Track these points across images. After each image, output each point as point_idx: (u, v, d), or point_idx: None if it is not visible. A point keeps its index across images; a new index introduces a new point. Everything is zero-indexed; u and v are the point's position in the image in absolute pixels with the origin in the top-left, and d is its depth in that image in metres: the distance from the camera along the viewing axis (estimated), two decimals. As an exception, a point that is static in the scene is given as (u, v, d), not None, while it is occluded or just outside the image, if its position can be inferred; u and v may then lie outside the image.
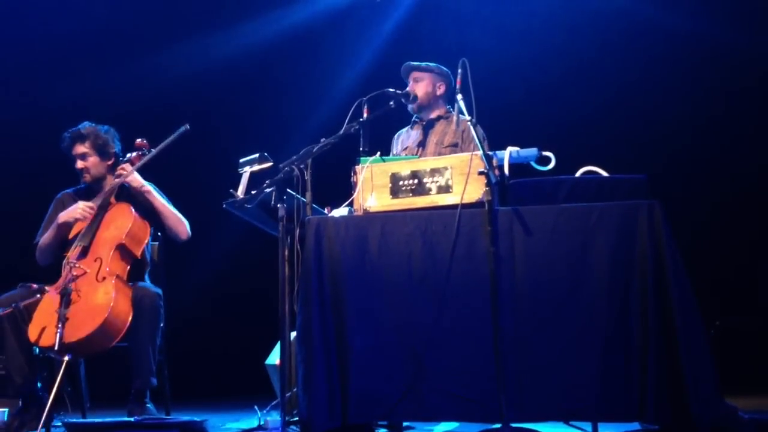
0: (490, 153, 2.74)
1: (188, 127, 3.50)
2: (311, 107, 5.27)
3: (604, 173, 2.76)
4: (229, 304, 5.21)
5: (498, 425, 2.55)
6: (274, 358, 3.24)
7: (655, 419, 2.49)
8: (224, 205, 3.04)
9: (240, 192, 3.03)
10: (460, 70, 2.92)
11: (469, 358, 2.59)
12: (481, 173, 2.63)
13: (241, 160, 3.11)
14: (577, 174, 2.78)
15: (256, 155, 3.09)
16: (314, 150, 2.95)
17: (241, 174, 3.07)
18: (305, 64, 5.41)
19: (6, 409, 3.36)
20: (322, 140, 3.01)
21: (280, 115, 5.30)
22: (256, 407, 3.15)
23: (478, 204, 2.64)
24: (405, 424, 3.08)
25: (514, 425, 2.53)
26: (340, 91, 5.19)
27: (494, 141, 3.49)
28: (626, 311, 2.55)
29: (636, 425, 2.62)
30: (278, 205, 2.89)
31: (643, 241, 2.56)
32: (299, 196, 2.94)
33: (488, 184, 2.61)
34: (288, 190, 2.95)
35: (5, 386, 3.41)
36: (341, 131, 3.09)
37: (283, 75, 5.45)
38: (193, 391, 4.24)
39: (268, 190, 2.93)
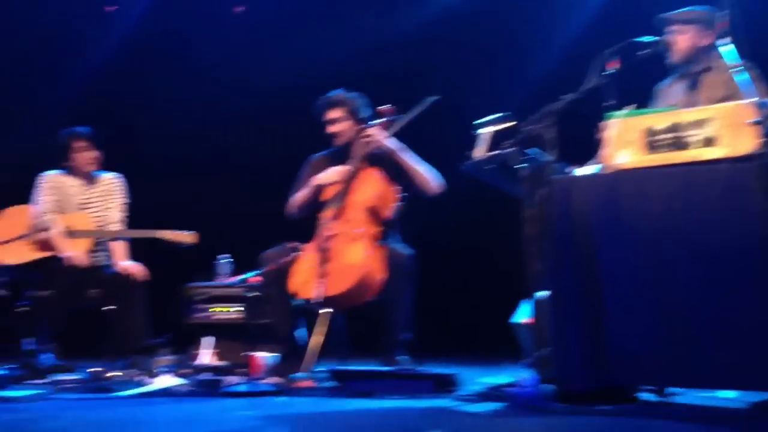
0: (765, 100, 2.46)
1: (438, 98, 3.57)
2: (542, 60, 5.07)
3: None
4: (471, 263, 5.27)
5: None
6: (521, 316, 3.27)
7: None
8: (462, 168, 3.06)
9: (480, 153, 3.03)
10: (726, 11, 2.64)
11: (742, 324, 2.40)
12: (753, 123, 2.38)
13: (480, 121, 3.10)
14: None
15: (497, 115, 3.05)
16: (557, 107, 2.85)
17: (479, 135, 3.07)
18: (536, 14, 5.20)
19: (276, 354, 3.75)
20: (563, 96, 2.90)
21: (510, 70, 5.18)
22: (506, 365, 3.19)
23: (749, 158, 2.40)
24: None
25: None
26: (575, 41, 4.94)
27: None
28: None
29: None
30: (520, 166, 2.85)
31: None
32: (542, 155, 2.87)
33: (762, 135, 2.36)
34: (530, 149, 2.89)
35: (272, 335, 3.80)
36: (585, 85, 2.93)
37: (514, 28, 5.28)
38: (438, 348, 4.38)
39: (508, 150, 2.90)
